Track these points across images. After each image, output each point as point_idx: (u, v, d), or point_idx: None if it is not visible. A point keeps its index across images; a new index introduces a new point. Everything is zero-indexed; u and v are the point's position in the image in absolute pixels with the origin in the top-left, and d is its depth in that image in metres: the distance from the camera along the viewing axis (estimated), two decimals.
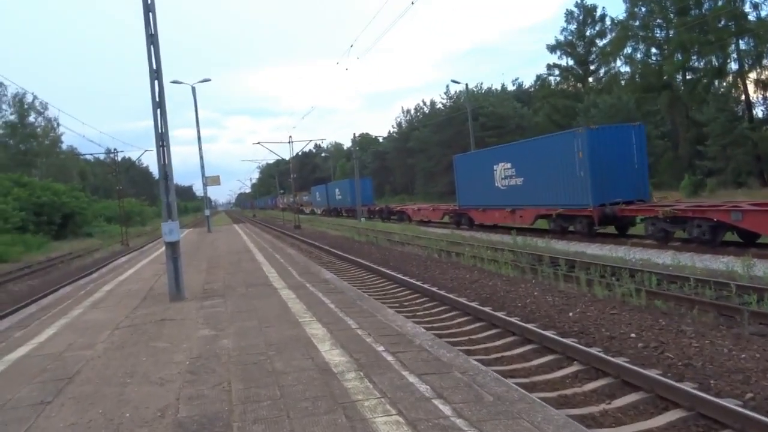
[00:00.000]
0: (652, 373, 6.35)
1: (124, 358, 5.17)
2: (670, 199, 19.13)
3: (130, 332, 6.30)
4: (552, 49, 56.66)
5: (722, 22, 40.66)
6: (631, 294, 10.22)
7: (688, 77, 44.47)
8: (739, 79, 40.23)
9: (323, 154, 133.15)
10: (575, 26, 56.13)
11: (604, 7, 77.45)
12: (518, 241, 19.72)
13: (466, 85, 39.00)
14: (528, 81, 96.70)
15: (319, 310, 6.85)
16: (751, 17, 39.71)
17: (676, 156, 44.76)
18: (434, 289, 12.49)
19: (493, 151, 25.04)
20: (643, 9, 47.38)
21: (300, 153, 72.50)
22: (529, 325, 8.70)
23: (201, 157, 28.46)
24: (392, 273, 15.13)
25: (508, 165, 23.19)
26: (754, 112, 40.08)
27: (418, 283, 13.40)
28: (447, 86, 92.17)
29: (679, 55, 43.37)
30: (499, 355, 7.87)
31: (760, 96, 39.37)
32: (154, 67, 8.30)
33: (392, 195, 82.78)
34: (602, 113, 43.05)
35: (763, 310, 8.50)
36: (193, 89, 28.27)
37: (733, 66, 40.90)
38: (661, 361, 7.06)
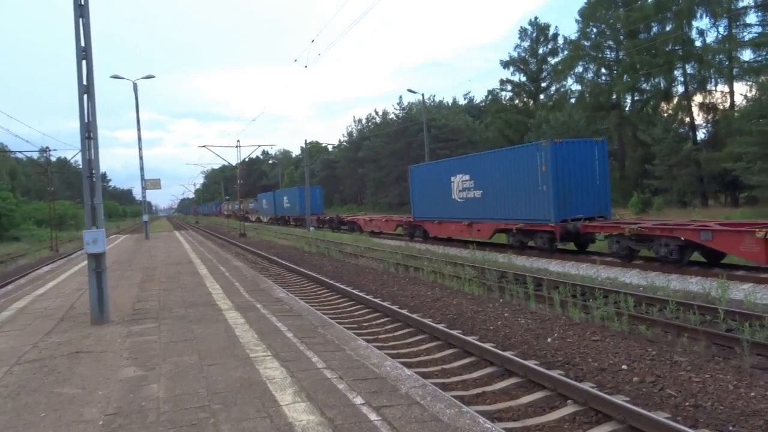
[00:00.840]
0: (663, 417, 5.50)
1: (16, 413, 3.88)
2: (629, 217, 18.82)
3: (33, 370, 4.96)
4: (505, 64, 57.02)
5: (670, 46, 41.73)
6: (610, 317, 9.49)
7: (636, 98, 45.44)
8: (684, 102, 41.25)
9: (271, 161, 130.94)
10: (528, 43, 56.72)
11: (557, 27, 79.03)
12: (477, 256, 18.97)
13: (422, 95, 38.40)
14: (479, 96, 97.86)
15: (275, 340, 5.68)
16: (698, 43, 40.91)
17: (623, 175, 45.56)
18: (395, 307, 11.46)
19: (451, 162, 24.35)
20: (595, 30, 48.28)
21: (247, 159, 70.42)
22: (507, 354, 7.77)
23: (140, 158, 26.55)
24: (348, 288, 14.02)
25: (467, 177, 22.51)
26: (697, 134, 41.18)
27: (377, 300, 12.34)
28: (400, 97, 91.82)
29: (627, 77, 44.22)
30: (479, 390, 6.88)
31: (704, 119, 40.50)
32: (83, 44, 6.97)
33: (340, 204, 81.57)
34: (553, 130, 43.32)
35: (756, 339, 7.84)
36: (135, 86, 26.41)
37: (680, 89, 41.97)
38: (666, 401, 6.24)
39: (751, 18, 37.73)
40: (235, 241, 33.59)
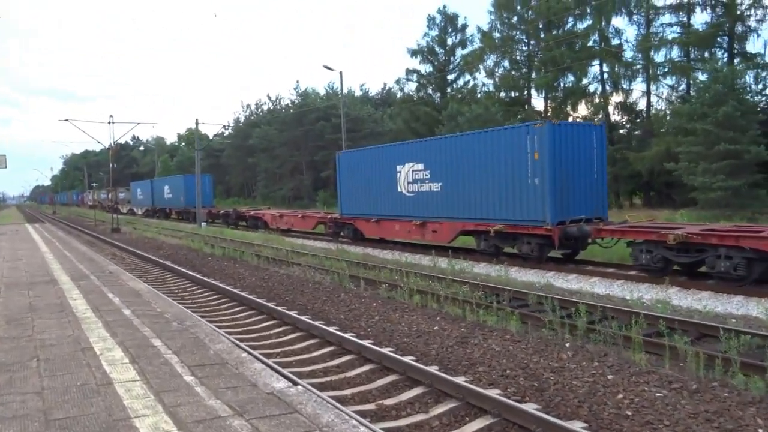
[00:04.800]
0: None
1: None
2: (645, 220, 15.57)
3: None
4: (413, 53, 53.77)
5: (588, 43, 40.68)
6: None
7: (551, 94, 44.06)
8: (601, 101, 40.25)
9: (142, 148, 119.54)
10: (436, 33, 53.95)
11: (465, 17, 77.26)
12: (450, 266, 14.89)
13: (341, 73, 33.58)
14: (373, 87, 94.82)
15: None
16: (615, 41, 40.08)
17: None
18: (410, 360, 7.04)
19: (397, 148, 20.04)
20: (507, 22, 46.31)
21: (118, 141, 61.15)
22: None
23: None
24: (308, 320, 9.28)
25: (420, 166, 18.36)
26: (613, 134, 40.37)
27: (369, 344, 7.80)
28: (297, 81, 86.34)
29: (544, 71, 42.66)
30: None
31: (622, 119, 39.77)
32: None
33: (224, 197, 74.38)
34: (469, 123, 40.61)
35: None
36: None
37: (597, 87, 41.04)
38: None
39: (667, 18, 37.30)
40: (108, 239, 26.88)
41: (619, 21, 67.06)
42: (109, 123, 32.77)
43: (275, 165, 63.62)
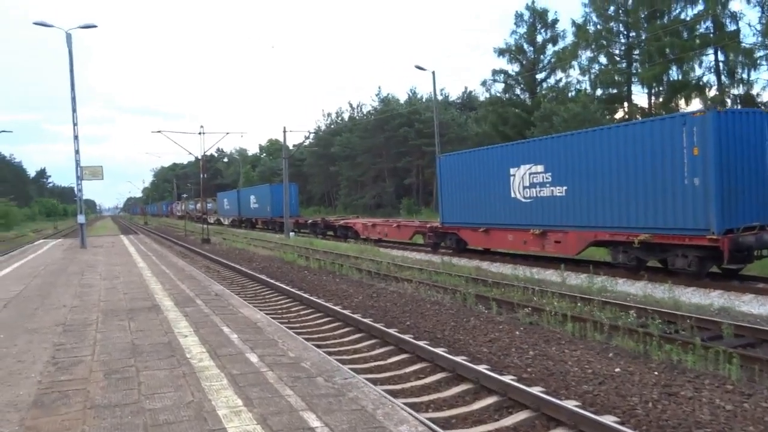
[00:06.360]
0: None
1: None
2: None
3: None
4: (500, 52, 51.20)
5: (698, 30, 37.02)
6: None
7: (658, 89, 40.48)
8: (719, 93, 36.40)
9: (226, 159, 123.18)
10: (525, 30, 51.22)
11: (556, 12, 73.77)
12: (577, 281, 12.75)
13: (433, 73, 31.71)
14: (453, 91, 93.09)
15: None
16: (732, 27, 36.16)
17: None
18: None
19: (510, 149, 17.99)
20: (603, 13, 43.05)
21: (208, 152, 62.33)
22: None
23: (75, 136, 18.96)
24: (449, 356, 7.51)
25: (539, 168, 16.29)
26: None
27: (559, 401, 5.88)
28: (379, 87, 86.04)
29: (648, 64, 39.22)
30: None
31: None
32: None
33: (305, 206, 74.38)
34: (566, 123, 37.79)
35: None
36: (68, 36, 19.05)
37: (712, 79, 37.21)
38: None
39: None
40: (200, 250, 26.38)
41: (736, 4, 61.63)
42: (200, 134, 32.68)
43: (357, 173, 62.82)
